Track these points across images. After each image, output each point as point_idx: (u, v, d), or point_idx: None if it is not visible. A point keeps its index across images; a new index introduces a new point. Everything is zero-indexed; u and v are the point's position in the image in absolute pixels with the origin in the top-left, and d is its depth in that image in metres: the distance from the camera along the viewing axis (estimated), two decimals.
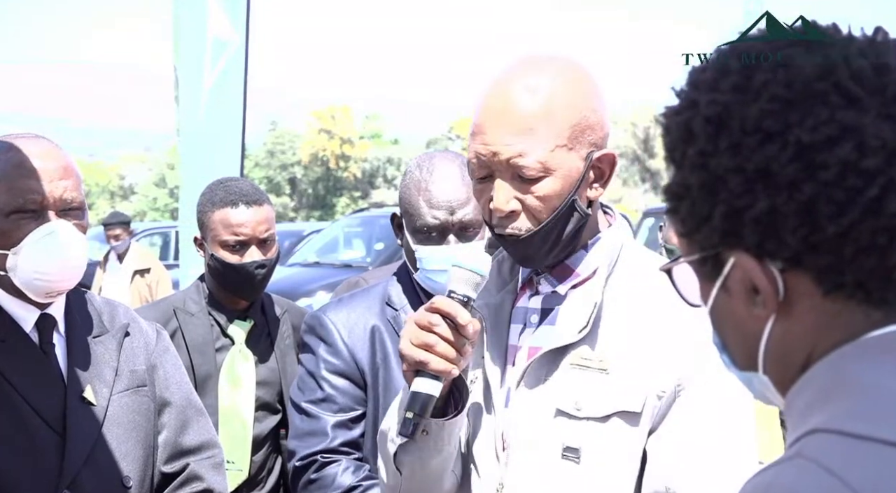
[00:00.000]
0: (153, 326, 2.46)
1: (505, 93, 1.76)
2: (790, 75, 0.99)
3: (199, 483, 2.36)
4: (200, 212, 3.36)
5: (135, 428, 2.28)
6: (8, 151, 2.15)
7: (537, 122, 1.73)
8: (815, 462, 0.90)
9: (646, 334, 1.78)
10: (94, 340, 2.29)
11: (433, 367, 1.70)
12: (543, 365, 1.80)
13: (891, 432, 0.89)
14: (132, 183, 63.68)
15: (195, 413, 2.42)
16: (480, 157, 1.77)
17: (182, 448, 2.37)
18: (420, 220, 2.56)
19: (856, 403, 0.93)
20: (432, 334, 1.71)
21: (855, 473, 0.88)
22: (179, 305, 3.37)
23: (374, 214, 16.30)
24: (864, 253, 0.96)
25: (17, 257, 2.13)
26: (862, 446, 0.90)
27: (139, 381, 2.32)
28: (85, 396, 2.21)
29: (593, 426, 1.76)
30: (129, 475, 2.25)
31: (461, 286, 1.73)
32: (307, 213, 55.50)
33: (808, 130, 0.96)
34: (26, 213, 2.13)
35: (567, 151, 1.75)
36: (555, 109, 1.74)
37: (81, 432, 2.19)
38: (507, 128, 1.74)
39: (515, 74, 1.78)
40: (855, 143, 0.95)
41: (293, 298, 7.05)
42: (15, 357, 2.18)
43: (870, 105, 0.96)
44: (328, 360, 2.64)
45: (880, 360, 0.95)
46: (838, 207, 0.96)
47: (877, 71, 0.97)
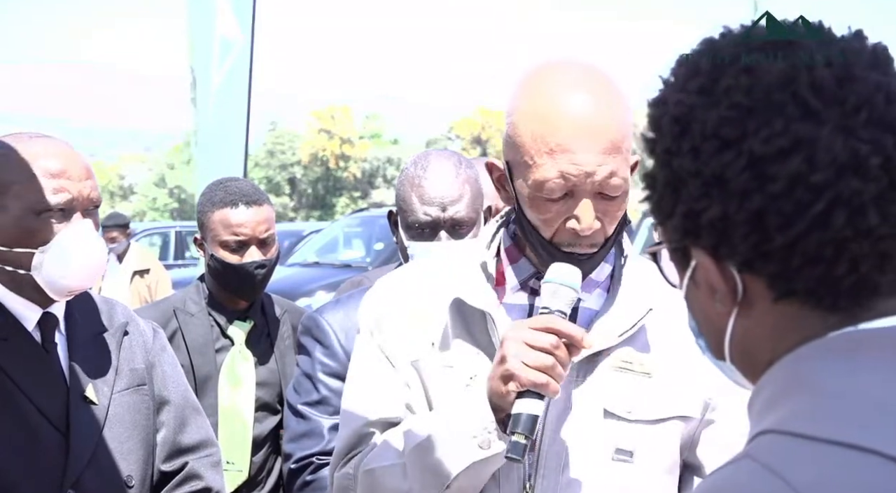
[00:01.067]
0: (150, 325, 2.47)
1: (583, 108, 1.69)
2: (752, 82, 0.98)
3: (197, 482, 2.36)
4: (200, 212, 3.36)
5: (136, 427, 2.29)
6: (36, 150, 2.15)
7: (621, 138, 1.69)
8: (761, 463, 0.91)
9: (684, 339, 1.77)
10: (95, 338, 2.30)
11: (552, 389, 1.64)
12: (575, 367, 1.77)
13: (836, 431, 0.90)
14: (132, 183, 63.68)
15: (193, 412, 2.43)
16: (569, 177, 1.68)
17: (180, 447, 2.38)
18: (412, 216, 2.56)
19: (804, 403, 0.94)
20: (550, 355, 1.64)
21: (798, 473, 0.88)
22: (179, 305, 3.37)
23: (374, 215, 16.29)
24: (811, 263, 0.96)
25: (45, 255, 2.13)
26: (807, 446, 0.90)
27: (139, 380, 2.33)
28: (87, 395, 2.22)
29: (646, 428, 1.78)
30: (131, 475, 2.25)
31: (558, 303, 1.68)
32: (307, 213, 55.49)
33: (761, 141, 0.96)
34: (55, 212, 2.13)
35: (627, 164, 1.74)
36: (627, 123, 1.72)
37: (84, 431, 2.19)
38: (600, 146, 1.68)
39: (575, 85, 1.71)
40: (805, 156, 0.94)
41: (293, 298, 7.05)
42: (17, 356, 2.18)
43: (827, 117, 0.95)
44: (324, 362, 2.64)
45: (832, 360, 0.95)
46: (786, 219, 0.95)
47: (839, 82, 0.96)
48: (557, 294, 1.68)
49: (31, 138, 2.20)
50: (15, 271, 2.15)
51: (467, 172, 2.60)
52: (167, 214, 55.53)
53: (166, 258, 18.07)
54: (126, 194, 62.68)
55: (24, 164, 2.12)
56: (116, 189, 63.66)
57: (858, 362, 0.93)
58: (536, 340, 1.64)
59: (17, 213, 2.11)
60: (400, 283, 1.94)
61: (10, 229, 2.12)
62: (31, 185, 2.12)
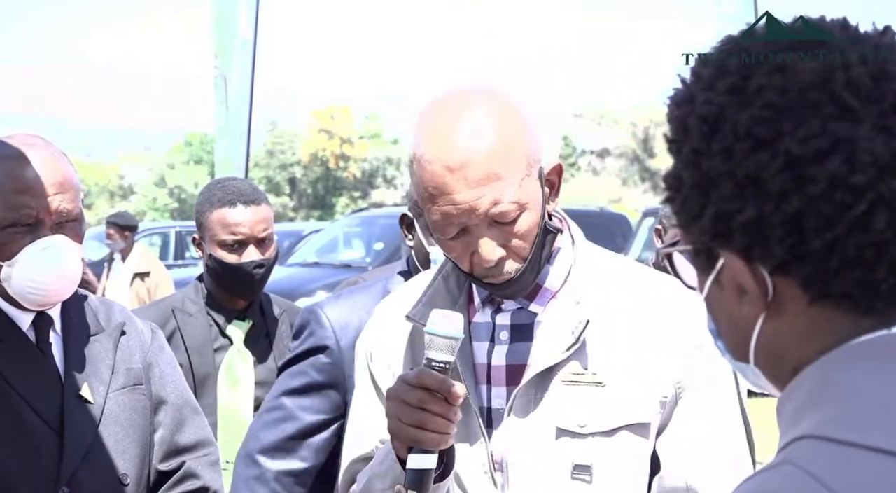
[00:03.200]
0: (148, 325, 2.47)
1: (453, 144, 1.68)
2: (786, 81, 0.96)
3: (194, 481, 2.36)
4: (198, 212, 3.37)
5: (132, 426, 2.29)
6: (5, 162, 2.15)
7: (498, 163, 1.68)
8: (802, 469, 0.90)
9: (634, 341, 1.77)
10: (91, 338, 2.30)
11: (428, 444, 1.64)
12: (532, 385, 1.77)
13: (876, 437, 0.89)
14: (132, 183, 63.67)
15: (191, 412, 2.43)
16: (452, 216, 1.70)
17: (178, 446, 2.38)
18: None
19: (842, 409, 0.93)
20: (424, 411, 1.63)
21: (840, 479, 0.88)
22: (178, 305, 3.38)
23: (374, 215, 16.33)
24: (849, 266, 0.95)
25: (12, 269, 2.14)
26: (847, 452, 0.89)
27: (135, 379, 2.33)
28: (82, 394, 2.22)
29: (601, 441, 1.76)
30: (127, 473, 2.26)
31: (439, 354, 1.66)
32: (307, 213, 55.48)
33: (798, 142, 0.94)
34: (21, 227, 2.13)
35: (529, 180, 1.72)
36: (508, 144, 1.69)
37: (79, 430, 2.20)
38: (473, 180, 1.67)
39: (449, 120, 1.71)
40: (845, 157, 0.93)
41: (293, 298, 7.04)
42: (12, 356, 2.19)
43: (865, 116, 0.93)
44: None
45: (867, 364, 0.94)
46: (825, 221, 0.94)
47: (875, 79, 0.94)
48: (434, 345, 1.65)
49: (14, 146, 2.18)
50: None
51: None
52: (167, 214, 55.52)
53: (166, 258, 18.08)
54: (126, 194, 62.67)
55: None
56: (116, 189, 63.66)
57: (894, 366, 0.92)
58: (408, 397, 1.64)
59: None
60: (393, 308, 1.94)
61: None
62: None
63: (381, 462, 1.75)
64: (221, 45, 6.99)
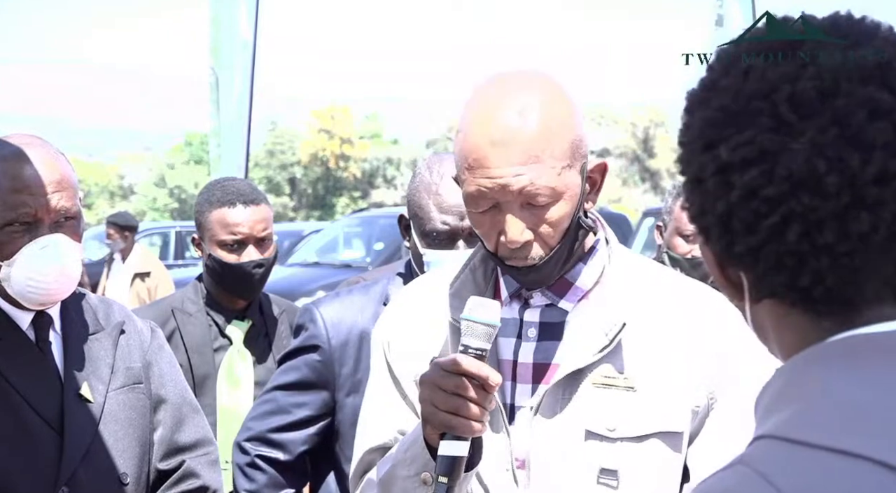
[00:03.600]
0: (147, 324, 2.47)
1: (500, 121, 1.68)
2: (741, 86, 0.98)
3: (194, 480, 2.37)
4: (198, 212, 3.37)
5: (131, 425, 2.29)
6: (2, 161, 2.15)
7: (542, 147, 1.68)
8: (753, 469, 0.91)
9: (668, 348, 1.75)
10: (90, 337, 2.30)
11: (463, 431, 1.62)
12: (561, 384, 1.75)
13: (832, 437, 0.89)
14: (132, 183, 63.65)
15: (190, 410, 2.43)
16: (485, 190, 1.69)
17: (178, 445, 2.38)
18: (429, 224, 2.54)
19: (801, 408, 0.93)
20: (459, 397, 1.62)
21: (789, 479, 0.88)
22: (177, 305, 3.38)
23: (374, 215, 16.34)
24: (774, 271, 0.97)
25: (11, 268, 2.14)
26: (801, 452, 0.90)
27: (135, 378, 2.33)
28: (82, 393, 2.22)
29: (630, 446, 1.73)
30: (126, 472, 2.26)
31: (476, 341, 1.65)
32: (307, 213, 55.48)
33: (730, 148, 0.96)
34: (19, 226, 2.14)
35: (569, 170, 1.71)
36: (553, 132, 1.69)
37: (79, 429, 2.20)
38: (514, 158, 1.67)
39: (501, 98, 1.71)
40: (764, 169, 0.94)
41: (293, 298, 7.04)
42: (12, 355, 2.19)
43: (802, 130, 0.93)
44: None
45: (828, 365, 0.94)
46: (746, 228, 0.96)
47: (822, 95, 0.94)
48: (471, 332, 1.65)
49: (11, 145, 2.19)
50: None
51: None
52: (167, 214, 55.51)
53: (166, 258, 18.07)
54: (126, 194, 62.66)
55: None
56: (116, 189, 63.66)
57: (853, 368, 0.93)
58: (444, 383, 1.62)
59: None
60: (413, 298, 1.94)
61: None
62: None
63: (407, 449, 1.74)
64: (217, 45, 6.99)
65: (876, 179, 0.91)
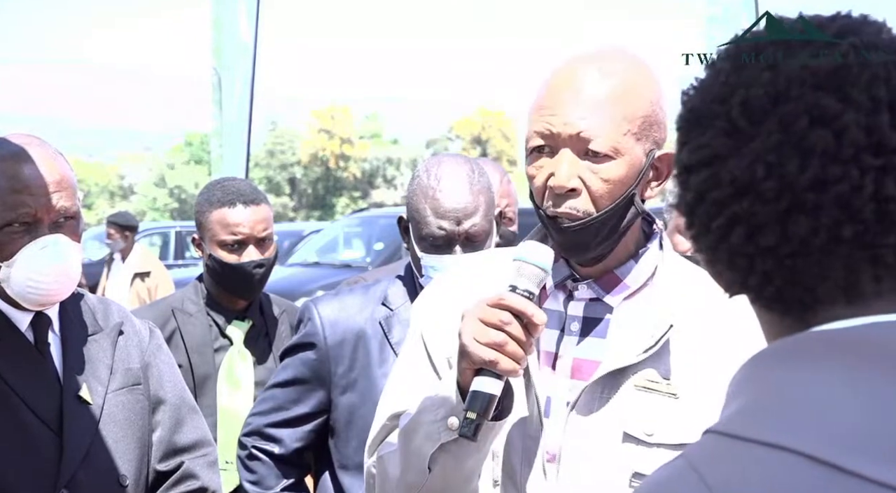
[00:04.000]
0: (146, 324, 2.46)
1: (577, 73, 1.70)
2: (708, 89, 1.00)
3: (193, 482, 2.36)
4: (198, 212, 3.37)
5: (130, 427, 2.29)
6: (1, 161, 2.14)
7: (610, 103, 1.67)
8: (689, 463, 0.92)
9: (713, 356, 1.70)
10: (89, 338, 2.30)
11: (503, 367, 1.58)
12: (601, 382, 1.72)
13: (762, 431, 0.90)
14: (132, 183, 63.68)
15: (189, 411, 2.43)
16: (548, 129, 1.69)
17: (176, 447, 2.37)
18: (426, 228, 2.50)
19: (743, 405, 0.94)
20: (502, 332, 1.59)
21: (720, 474, 0.89)
22: (178, 305, 3.37)
23: (374, 215, 16.35)
24: (728, 270, 0.99)
25: (11, 269, 2.14)
26: (733, 445, 0.91)
27: (134, 379, 2.32)
28: (81, 394, 2.22)
29: (666, 454, 1.66)
30: (126, 474, 2.25)
31: (524, 281, 1.62)
32: (307, 213, 55.51)
33: (689, 150, 0.99)
34: (19, 226, 2.13)
35: (635, 140, 1.69)
36: (629, 95, 1.69)
37: (78, 430, 2.19)
38: (580, 105, 1.67)
39: (590, 59, 1.73)
40: (711, 172, 0.96)
41: (293, 298, 7.03)
42: (11, 357, 2.18)
43: (751, 135, 0.94)
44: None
45: (777, 362, 0.95)
46: (701, 227, 0.99)
47: (774, 100, 0.95)
48: (522, 272, 1.63)
49: (10, 145, 2.18)
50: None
51: (481, 182, 2.54)
52: (167, 214, 55.54)
53: (166, 258, 18.08)
54: (126, 194, 62.68)
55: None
56: (116, 189, 63.69)
57: (798, 366, 0.93)
58: (488, 316, 1.60)
59: None
60: (455, 279, 1.92)
61: None
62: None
63: (435, 392, 1.70)
64: (219, 46, 6.99)
65: (811, 186, 0.92)
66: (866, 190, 0.91)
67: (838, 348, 0.93)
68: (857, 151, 0.91)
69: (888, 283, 0.95)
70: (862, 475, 0.85)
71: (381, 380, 2.51)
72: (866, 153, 0.91)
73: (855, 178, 0.91)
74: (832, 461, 0.86)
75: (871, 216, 0.92)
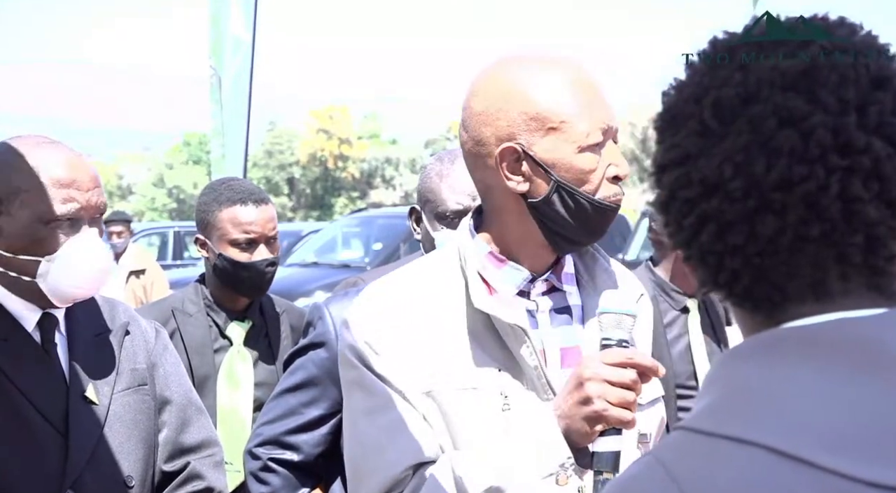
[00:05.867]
0: (152, 324, 2.46)
1: (584, 72, 1.82)
2: (683, 89, 1.02)
3: (199, 482, 2.36)
4: (204, 211, 3.36)
5: (136, 427, 2.28)
6: (44, 157, 2.15)
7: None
8: (657, 458, 0.95)
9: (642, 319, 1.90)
10: (96, 339, 2.29)
11: (632, 424, 1.65)
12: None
13: (727, 426, 0.92)
14: (130, 183, 63.66)
15: (195, 412, 2.42)
16: (607, 125, 1.79)
17: (182, 447, 2.37)
18: (442, 205, 2.60)
19: (711, 401, 0.97)
20: (631, 391, 1.64)
21: (685, 468, 0.92)
22: (178, 305, 3.37)
23: (373, 215, 16.32)
24: (701, 268, 1.02)
25: (51, 264, 2.13)
26: (700, 441, 0.93)
27: (140, 380, 2.32)
28: (87, 395, 2.21)
29: (649, 410, 1.87)
30: (132, 475, 2.25)
31: (622, 333, 1.68)
32: (305, 213, 55.50)
33: (664, 149, 1.01)
34: (64, 222, 2.13)
35: None
36: None
37: (84, 431, 2.18)
38: (609, 106, 1.81)
39: (567, 60, 1.84)
40: (682, 172, 0.99)
41: (291, 298, 7.03)
42: (17, 357, 2.17)
43: (721, 135, 0.96)
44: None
45: (745, 359, 0.97)
46: (674, 225, 1.02)
47: (744, 101, 0.96)
48: (622, 324, 1.69)
49: (39, 144, 2.19)
50: (19, 277, 2.15)
51: None
52: (166, 214, 55.53)
53: (165, 258, 18.06)
54: (125, 194, 62.67)
55: (33, 171, 2.13)
56: (115, 189, 63.66)
57: (766, 361, 0.95)
58: (619, 377, 1.64)
59: (24, 221, 2.12)
60: (394, 299, 1.83)
61: (17, 237, 2.13)
62: (40, 193, 2.12)
63: (535, 452, 1.67)
64: (216, 45, 6.98)
65: (778, 185, 0.94)
66: (832, 190, 0.92)
67: (805, 344, 0.94)
68: (823, 152, 0.92)
69: (855, 280, 0.96)
70: (827, 468, 0.87)
71: None
72: (833, 154, 0.92)
73: (821, 178, 0.92)
74: (798, 455, 0.88)
75: (838, 216, 0.93)
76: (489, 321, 1.77)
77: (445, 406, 1.75)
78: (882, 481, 0.86)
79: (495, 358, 1.76)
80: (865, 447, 0.87)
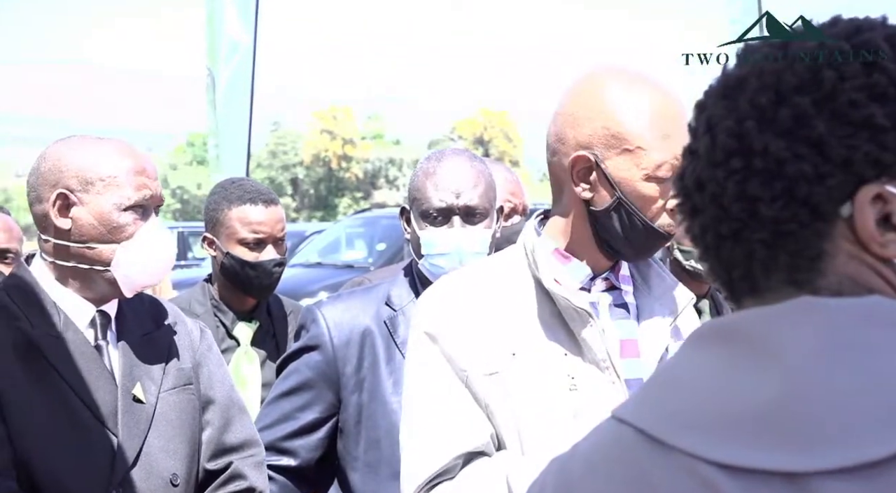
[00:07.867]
0: (197, 324, 2.48)
1: (670, 98, 1.84)
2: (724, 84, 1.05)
3: (241, 482, 2.37)
4: (213, 210, 3.37)
5: (182, 426, 2.29)
6: (114, 148, 2.21)
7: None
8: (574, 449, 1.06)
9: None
10: (144, 337, 2.31)
11: None
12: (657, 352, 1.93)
13: (621, 409, 1.02)
14: None
15: (238, 411, 2.44)
16: (677, 158, 1.83)
17: (225, 446, 2.39)
18: (426, 203, 2.57)
19: (642, 391, 1.04)
20: None
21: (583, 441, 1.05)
22: (184, 306, 3.37)
23: (376, 215, 16.31)
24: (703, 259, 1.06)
25: (127, 251, 2.18)
26: (605, 424, 1.04)
27: (185, 379, 2.34)
28: (135, 394, 2.22)
29: None
30: (177, 473, 2.26)
31: None
32: (309, 213, 55.46)
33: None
34: (139, 209, 2.19)
35: None
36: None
37: (132, 430, 2.20)
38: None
39: (652, 80, 1.87)
40: (684, 168, 1.04)
41: (295, 298, 7.02)
42: (70, 355, 2.18)
43: (696, 141, 1.03)
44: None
45: (682, 349, 1.03)
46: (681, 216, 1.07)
47: (699, 107, 1.04)
48: None
49: (101, 139, 2.25)
50: (91, 268, 2.19)
51: (480, 166, 2.63)
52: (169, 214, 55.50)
53: None
54: None
55: (108, 160, 2.19)
56: None
57: (686, 351, 1.02)
58: None
59: (103, 208, 2.17)
60: (462, 286, 1.91)
61: (94, 225, 2.18)
62: (117, 181, 2.18)
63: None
64: (212, 46, 6.99)
65: (696, 187, 1.01)
66: (730, 191, 0.98)
67: (715, 336, 0.99)
68: (727, 156, 0.98)
69: (776, 277, 0.99)
70: (676, 447, 0.94)
71: (388, 379, 2.52)
72: (735, 157, 0.97)
73: (720, 179, 0.98)
74: (654, 434, 0.96)
75: (743, 215, 0.98)
76: (556, 310, 1.85)
77: (511, 386, 1.80)
78: (730, 461, 0.91)
79: (562, 342, 1.84)
80: (723, 430, 0.92)
